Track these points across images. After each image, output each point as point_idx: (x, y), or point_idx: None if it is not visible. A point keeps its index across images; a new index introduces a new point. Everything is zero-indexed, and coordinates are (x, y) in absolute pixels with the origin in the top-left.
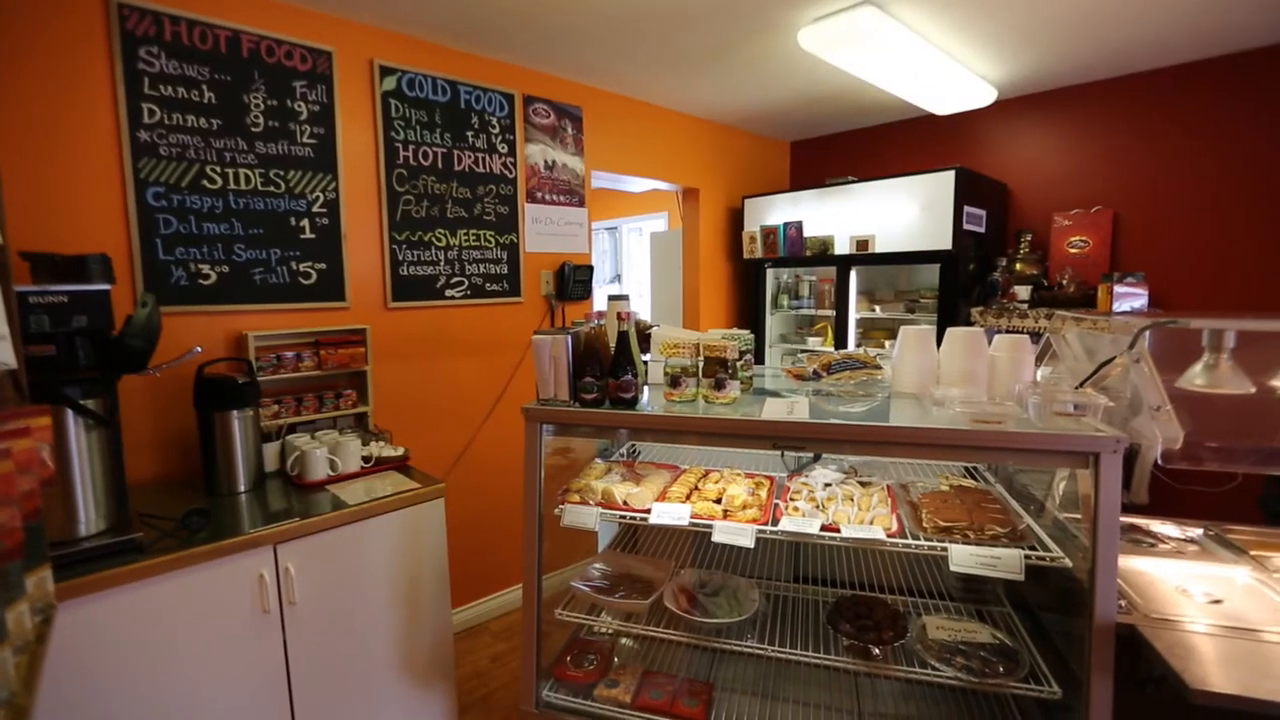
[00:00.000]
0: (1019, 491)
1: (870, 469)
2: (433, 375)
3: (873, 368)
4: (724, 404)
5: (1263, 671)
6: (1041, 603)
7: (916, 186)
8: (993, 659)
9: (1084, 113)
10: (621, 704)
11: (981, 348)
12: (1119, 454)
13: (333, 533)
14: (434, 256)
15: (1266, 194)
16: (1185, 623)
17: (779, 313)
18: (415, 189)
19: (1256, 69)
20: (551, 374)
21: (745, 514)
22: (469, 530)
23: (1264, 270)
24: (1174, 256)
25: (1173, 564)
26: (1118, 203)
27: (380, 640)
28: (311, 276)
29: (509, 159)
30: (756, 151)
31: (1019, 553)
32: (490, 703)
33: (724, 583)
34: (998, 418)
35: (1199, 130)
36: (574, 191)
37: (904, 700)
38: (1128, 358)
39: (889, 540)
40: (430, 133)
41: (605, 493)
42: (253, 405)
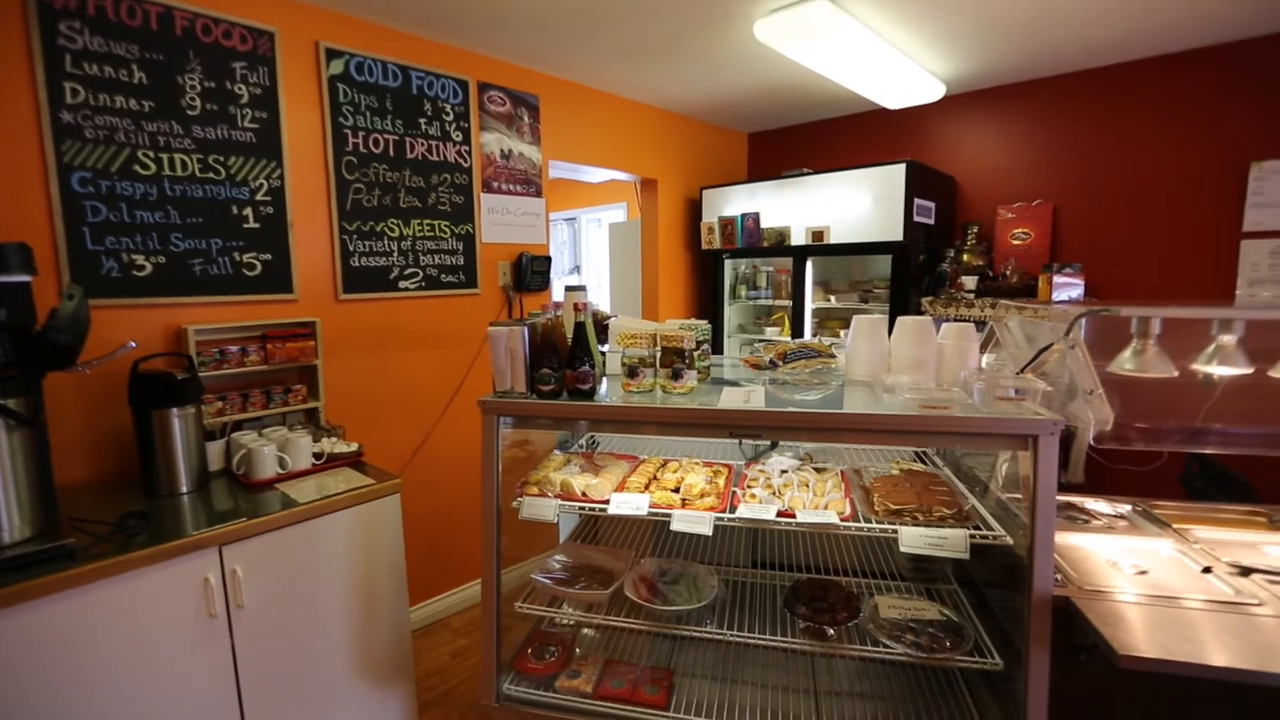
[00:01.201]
0: (966, 474)
1: (825, 455)
2: (387, 369)
3: (827, 356)
4: (681, 394)
5: (1182, 636)
6: (986, 579)
7: (869, 179)
8: (940, 635)
9: (1026, 109)
10: (583, 694)
11: (930, 336)
12: (1056, 436)
13: (282, 532)
14: (387, 247)
15: (1192, 189)
16: (1115, 593)
17: (737, 303)
18: (366, 177)
19: (1181, 71)
20: (508, 366)
21: (703, 502)
22: (427, 526)
23: (1188, 260)
24: (1108, 248)
25: (1104, 539)
26: (1057, 196)
27: (335, 641)
28: (256, 268)
29: (464, 147)
30: (714, 142)
31: (964, 533)
32: (452, 699)
33: (683, 570)
34: (944, 403)
35: (1130, 128)
36: (531, 181)
37: (858, 678)
38: (1064, 344)
39: (842, 524)
40: (381, 119)
41: (564, 484)
42: (194, 402)
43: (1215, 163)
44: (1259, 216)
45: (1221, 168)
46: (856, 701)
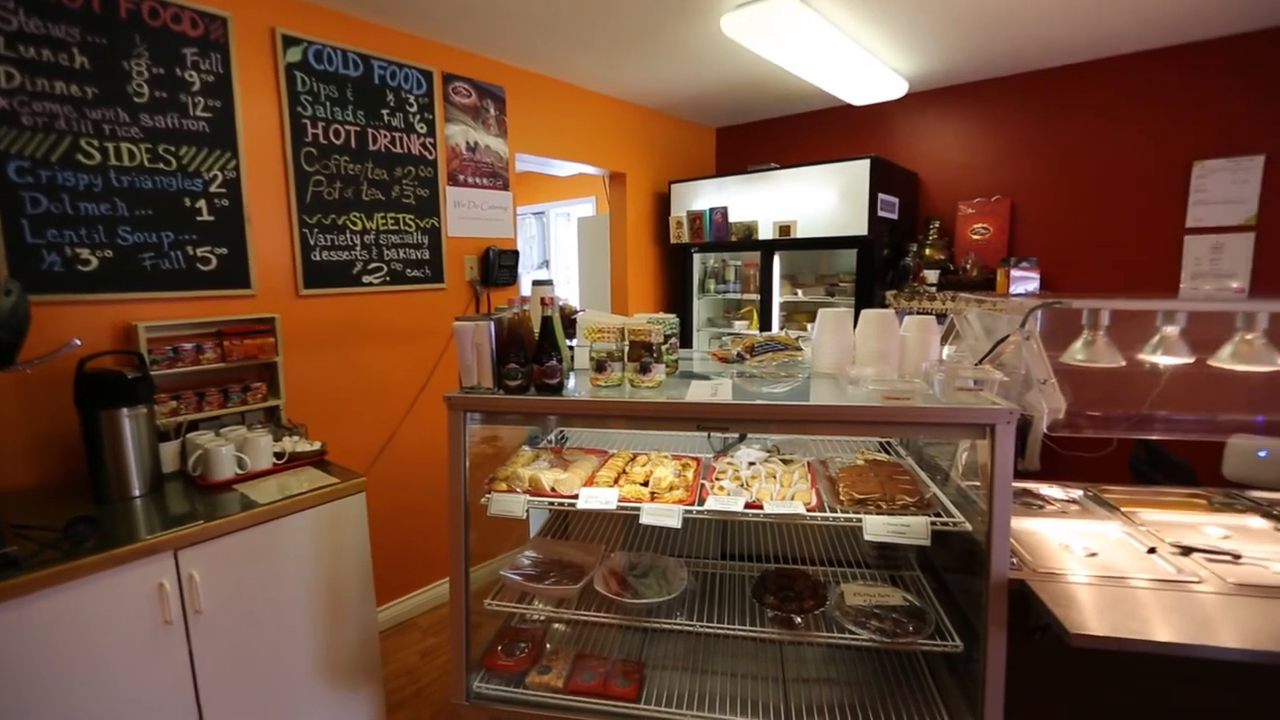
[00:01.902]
0: (928, 463)
1: (792, 447)
2: (351, 365)
3: (794, 349)
4: (649, 387)
5: (1129, 614)
6: (947, 564)
7: (835, 174)
8: (904, 620)
9: (985, 107)
10: (554, 689)
11: (893, 328)
12: (1012, 425)
13: (242, 534)
14: (349, 241)
15: (1139, 187)
16: (1067, 575)
17: (706, 297)
18: (327, 169)
19: (1128, 72)
20: (474, 361)
21: (672, 495)
22: (394, 524)
23: (1136, 255)
24: (1063, 242)
25: (1057, 523)
26: (1015, 192)
27: (300, 644)
28: (211, 262)
29: (428, 139)
30: (683, 137)
31: (926, 520)
32: (421, 699)
33: (653, 564)
34: (906, 394)
35: (1083, 127)
36: (498, 174)
37: (825, 664)
38: (1019, 336)
39: (808, 515)
40: (342, 110)
41: (533, 480)
42: (146, 402)
43: (1160, 161)
44: (1200, 213)
45: (1166, 166)
46: (824, 687)
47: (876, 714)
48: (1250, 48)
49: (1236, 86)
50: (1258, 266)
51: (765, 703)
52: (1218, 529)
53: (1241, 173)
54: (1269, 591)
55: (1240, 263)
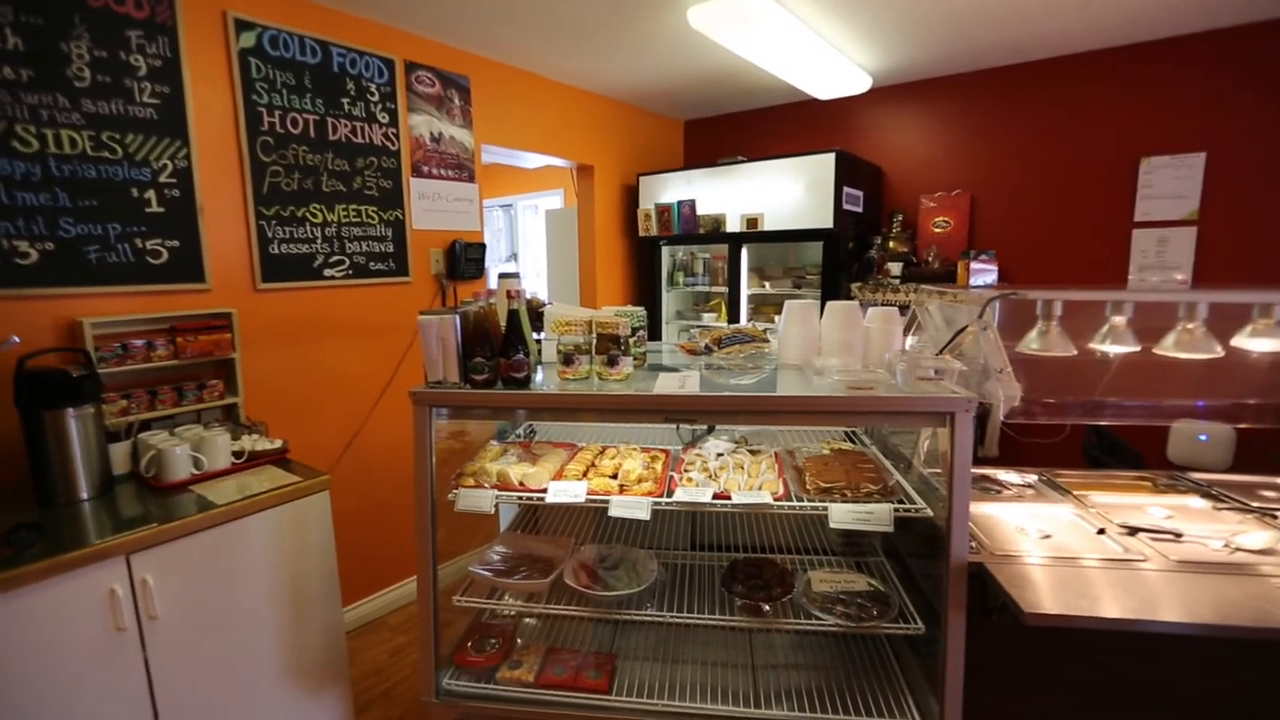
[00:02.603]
0: (891, 451)
1: (760, 438)
2: (314, 361)
3: (761, 341)
4: (617, 380)
5: (1079, 592)
6: (910, 550)
7: (801, 167)
8: (868, 604)
9: (946, 103)
10: (525, 683)
11: (857, 320)
12: (971, 413)
13: (200, 536)
14: (310, 233)
15: (1091, 182)
16: (1023, 557)
17: (675, 290)
18: (284, 159)
19: (1082, 71)
20: (440, 355)
21: (641, 487)
22: (361, 523)
23: (1088, 248)
24: (1020, 235)
25: (1014, 507)
26: (974, 186)
27: (263, 647)
28: (162, 255)
29: (391, 129)
30: (651, 129)
31: (889, 507)
32: (391, 697)
33: (623, 556)
34: (870, 384)
35: (1039, 123)
36: (463, 166)
37: (793, 650)
38: (977, 326)
39: (775, 504)
40: (300, 98)
41: (500, 474)
42: (93, 401)
43: (1111, 158)
44: (1147, 208)
45: (1116, 162)
46: (791, 672)
47: (843, 696)
48: (1192, 50)
49: (1180, 86)
50: (1199, 259)
51: (735, 689)
52: (1161, 509)
53: (1185, 169)
54: (1206, 567)
55: (1184, 255)
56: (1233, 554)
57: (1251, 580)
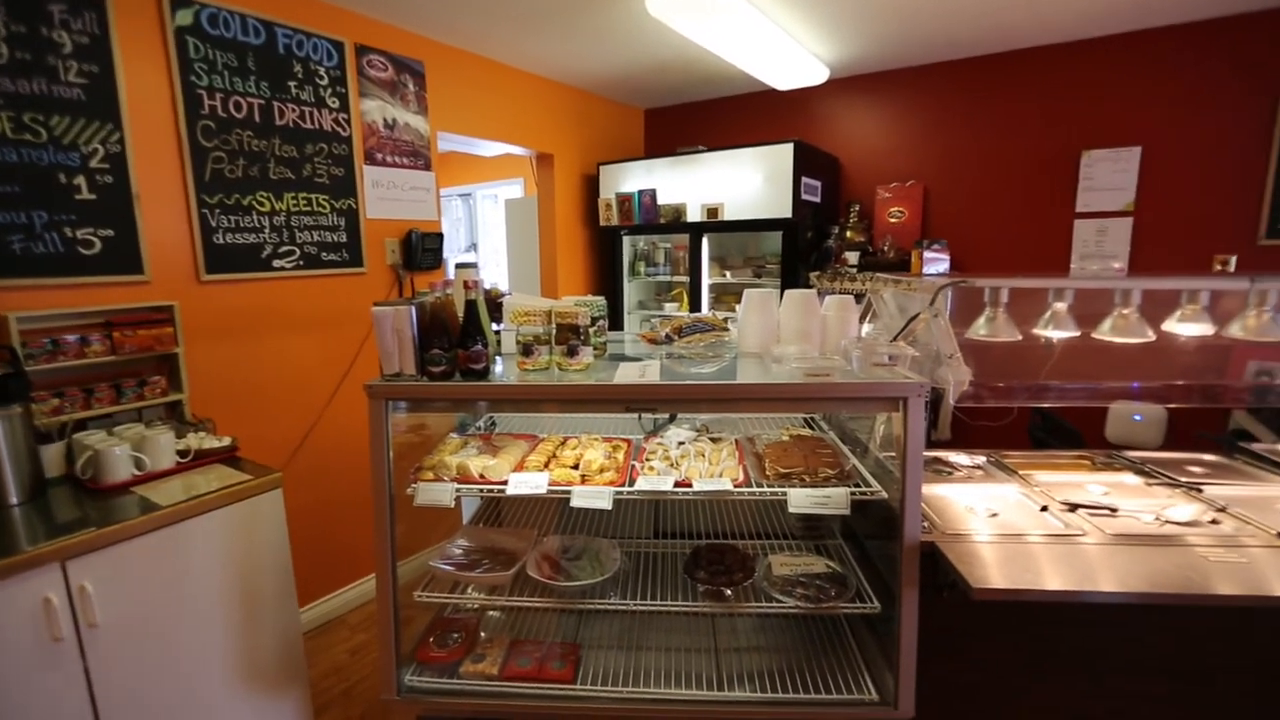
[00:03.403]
0: (849, 436)
1: (721, 425)
2: (264, 355)
3: (721, 330)
4: (578, 370)
5: (1024, 567)
6: (867, 532)
7: (760, 157)
8: (827, 586)
9: (901, 95)
10: (489, 676)
11: (815, 308)
12: (922, 398)
13: (142, 540)
14: (257, 223)
15: (1037, 174)
16: (972, 535)
17: (637, 279)
18: (228, 145)
19: (1027, 66)
20: (395, 348)
21: (603, 477)
22: (318, 520)
23: (1034, 237)
24: (970, 225)
25: (964, 487)
26: (927, 177)
27: (214, 652)
28: (95, 245)
29: (342, 115)
30: (611, 117)
31: (846, 491)
32: (352, 697)
33: (586, 546)
34: (826, 371)
35: (987, 116)
36: (419, 153)
37: (756, 632)
38: (929, 313)
39: (736, 490)
40: (243, 80)
41: (460, 467)
42: (20, 400)
43: (1054, 150)
44: (1088, 199)
45: (1059, 155)
46: (754, 654)
47: (803, 675)
48: (1128, 47)
49: (1118, 82)
50: (1135, 248)
51: (698, 673)
52: (1099, 486)
53: (1122, 162)
54: (1139, 540)
55: (1121, 245)
56: (1162, 527)
57: (1178, 550)
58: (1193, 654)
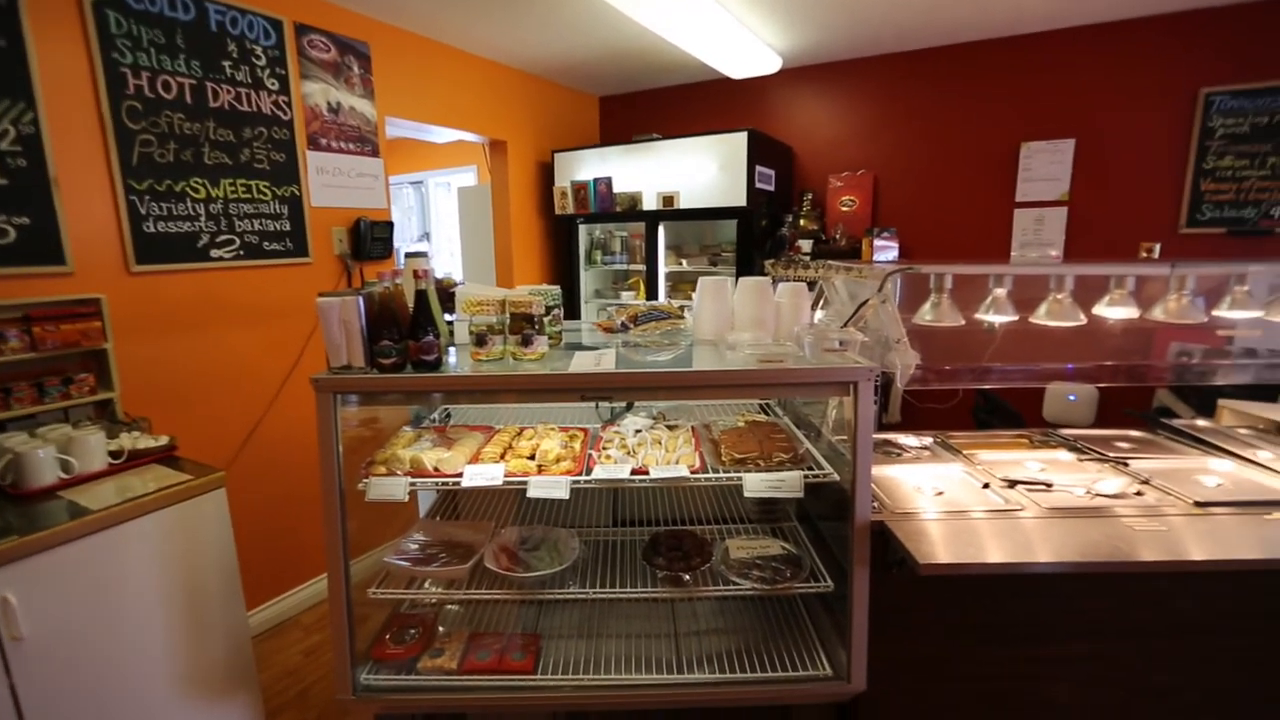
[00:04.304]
0: (803, 421)
1: (678, 413)
2: (204, 350)
3: (676, 317)
4: (532, 360)
5: (967, 542)
6: (820, 513)
7: (715, 146)
8: (782, 567)
9: (852, 85)
10: (448, 671)
11: (768, 295)
12: (871, 382)
13: (72, 546)
14: (192, 210)
15: (980, 164)
16: (920, 514)
17: (594, 268)
18: (157, 127)
19: (970, 59)
20: (343, 340)
21: (559, 467)
22: (267, 520)
23: (978, 226)
24: (918, 213)
25: (912, 468)
26: (877, 167)
27: (155, 661)
28: (9, 234)
29: (282, 98)
30: (566, 104)
31: (799, 474)
32: (307, 699)
33: (545, 536)
34: (779, 357)
35: (933, 108)
36: (366, 139)
37: (714, 615)
38: (877, 300)
39: (692, 476)
40: (172, 59)
41: (414, 461)
42: None
43: (996, 141)
44: (1027, 189)
45: (1000, 146)
46: (713, 637)
47: (760, 655)
48: (1064, 42)
49: (1054, 76)
50: (1070, 236)
51: (659, 658)
52: (1036, 463)
53: (1058, 154)
54: (1072, 513)
55: (1057, 233)
56: (1093, 500)
57: (1107, 521)
58: (1120, 617)
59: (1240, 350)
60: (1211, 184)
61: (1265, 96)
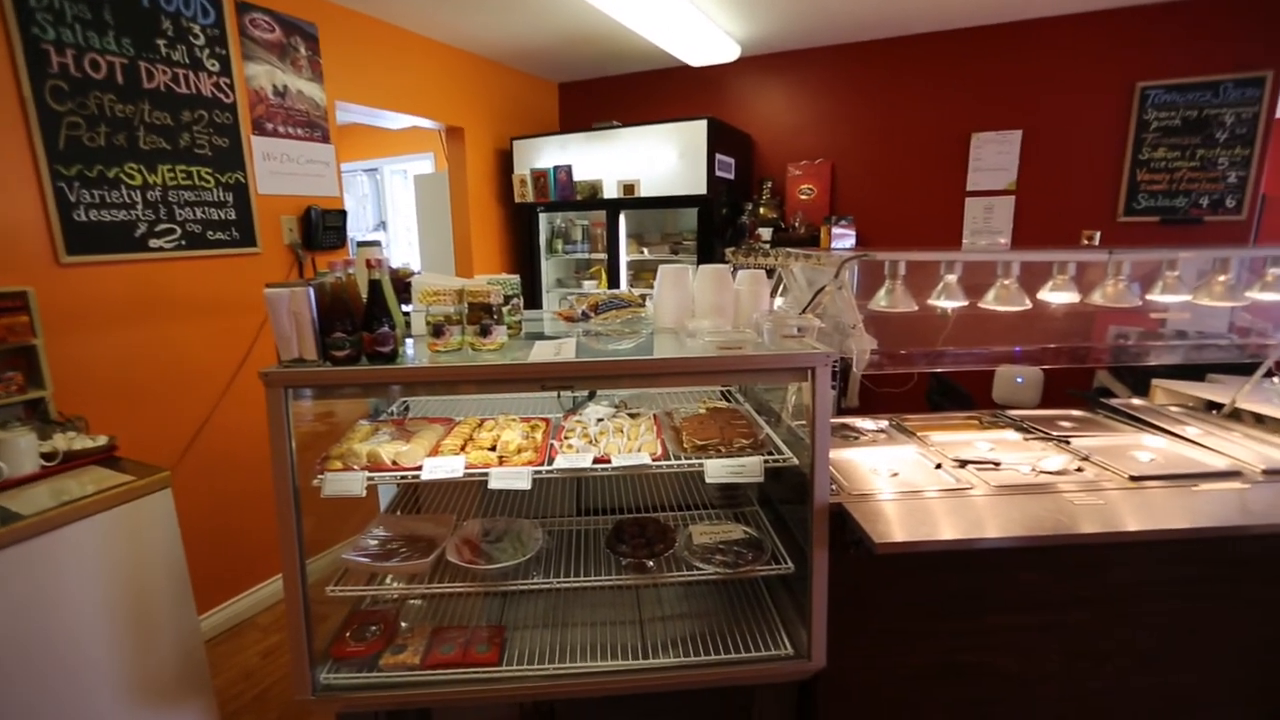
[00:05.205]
0: (764, 407)
1: (640, 401)
2: (146, 345)
3: (637, 306)
4: (491, 350)
5: (921, 521)
6: (781, 497)
7: (675, 133)
8: (744, 551)
9: (809, 74)
10: (411, 666)
11: (727, 282)
12: (828, 367)
13: (1, 555)
14: (127, 197)
15: (934, 154)
16: (876, 495)
17: (555, 257)
18: (86, 109)
19: (925, 50)
20: (293, 332)
21: (521, 457)
22: (219, 520)
23: (932, 214)
24: (875, 202)
25: (868, 450)
26: (835, 155)
27: (98, 671)
28: None
29: (224, 79)
30: (524, 91)
31: (760, 459)
32: (266, 701)
33: (508, 528)
34: (738, 344)
35: (889, 98)
36: (315, 124)
37: (679, 601)
38: (833, 286)
39: (654, 464)
40: (100, 36)
41: (371, 455)
42: None
43: (948, 132)
44: (977, 179)
45: (952, 136)
46: (677, 622)
47: (724, 637)
48: (1012, 36)
49: (1003, 68)
50: (1017, 224)
51: (624, 645)
52: (986, 443)
53: (1006, 144)
54: (1019, 489)
55: (1005, 221)
56: (1037, 476)
57: (1050, 497)
58: (1063, 586)
59: (1172, 332)
60: (1147, 174)
61: (1195, 91)
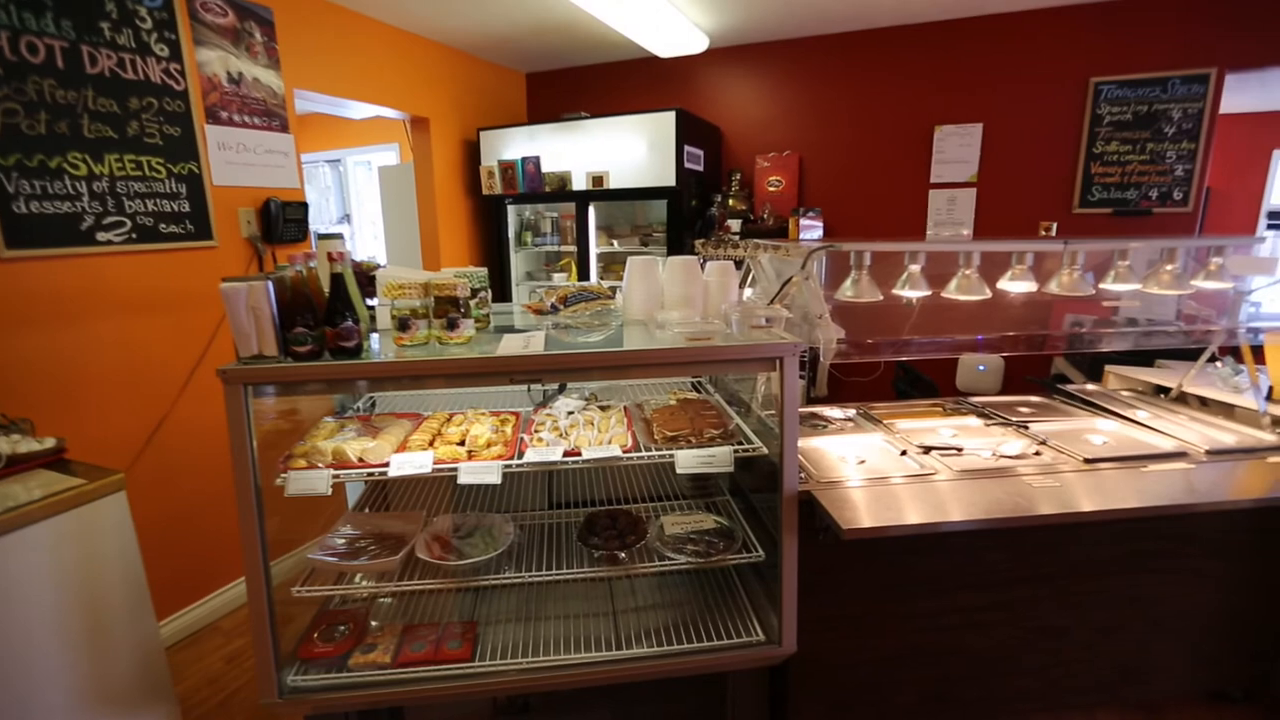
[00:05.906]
0: (734, 398)
1: (610, 393)
2: (96, 343)
3: (606, 298)
4: (459, 344)
5: (886, 506)
6: (751, 486)
7: (644, 125)
8: (716, 540)
9: (778, 67)
10: (381, 665)
11: (696, 274)
12: (796, 357)
13: None
14: (71, 188)
15: (899, 146)
16: (844, 482)
17: (524, 250)
18: (23, 95)
19: (888, 44)
20: (252, 327)
21: (490, 452)
22: (179, 523)
23: (897, 205)
24: (842, 194)
25: (836, 439)
26: (803, 148)
27: (52, 680)
28: None
29: (174, 65)
30: (491, 81)
31: (729, 449)
32: (231, 706)
33: (478, 523)
34: (707, 335)
35: (856, 91)
36: (273, 113)
37: (652, 591)
38: (800, 277)
39: (625, 456)
40: (37, 18)
41: (336, 452)
42: None
43: (912, 125)
44: (940, 171)
45: (916, 129)
46: (650, 613)
47: (697, 626)
48: (974, 30)
49: (964, 63)
50: (979, 216)
51: (597, 637)
52: (949, 430)
53: (967, 137)
54: (980, 474)
55: (967, 213)
56: (998, 461)
57: (1010, 480)
58: (1022, 565)
59: (1123, 320)
60: (1100, 167)
61: (1145, 87)
